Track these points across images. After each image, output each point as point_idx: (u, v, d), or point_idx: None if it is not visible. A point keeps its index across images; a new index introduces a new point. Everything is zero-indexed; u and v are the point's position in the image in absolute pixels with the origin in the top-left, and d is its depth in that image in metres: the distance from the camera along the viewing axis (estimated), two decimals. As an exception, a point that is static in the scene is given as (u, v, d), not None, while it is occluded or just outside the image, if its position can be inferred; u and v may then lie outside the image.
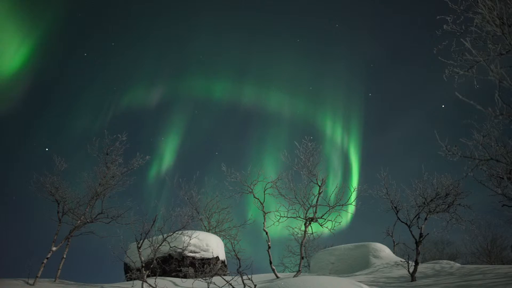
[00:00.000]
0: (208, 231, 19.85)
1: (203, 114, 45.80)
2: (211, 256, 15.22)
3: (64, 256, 13.31)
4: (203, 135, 47.98)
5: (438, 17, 8.46)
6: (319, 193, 14.41)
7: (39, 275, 12.21)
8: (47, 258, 12.68)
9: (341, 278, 7.20)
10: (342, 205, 14.38)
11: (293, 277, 10.79)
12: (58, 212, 13.46)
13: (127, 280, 14.65)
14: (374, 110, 47.97)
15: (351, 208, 14.71)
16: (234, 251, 11.95)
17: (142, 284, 11.82)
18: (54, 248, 12.95)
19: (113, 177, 14.27)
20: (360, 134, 41.47)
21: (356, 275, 13.34)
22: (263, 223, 14.89)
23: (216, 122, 47.95)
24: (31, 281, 11.94)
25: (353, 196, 14.60)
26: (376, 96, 47.20)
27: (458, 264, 13.47)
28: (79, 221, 13.53)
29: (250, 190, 15.31)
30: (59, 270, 13.13)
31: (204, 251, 15.22)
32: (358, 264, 15.29)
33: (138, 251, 12.41)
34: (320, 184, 14.45)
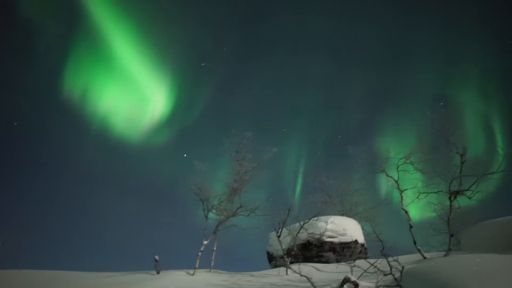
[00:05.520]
0: (342, 215, 19.61)
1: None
2: (349, 240, 15.06)
3: (214, 249, 14.70)
4: (328, 124, 46.30)
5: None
6: (462, 163, 12.94)
7: (197, 266, 13.75)
8: (201, 251, 14.18)
9: (506, 256, 6.33)
10: (490, 173, 12.65)
11: (444, 256, 9.94)
12: (203, 210, 14.92)
13: (272, 268, 15.43)
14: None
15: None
16: (375, 233, 11.52)
17: (287, 270, 12.31)
18: (205, 242, 14.40)
19: (245, 172, 15.17)
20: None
21: (522, 251, 11.60)
22: (401, 202, 14.06)
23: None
24: (191, 272, 13.52)
25: (504, 161, 12.71)
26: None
27: None
28: (222, 216, 14.78)
29: (382, 169, 14.56)
30: (212, 261, 14.57)
31: (341, 235, 15.14)
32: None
33: (278, 239, 12.96)
34: (461, 153, 12.97)
